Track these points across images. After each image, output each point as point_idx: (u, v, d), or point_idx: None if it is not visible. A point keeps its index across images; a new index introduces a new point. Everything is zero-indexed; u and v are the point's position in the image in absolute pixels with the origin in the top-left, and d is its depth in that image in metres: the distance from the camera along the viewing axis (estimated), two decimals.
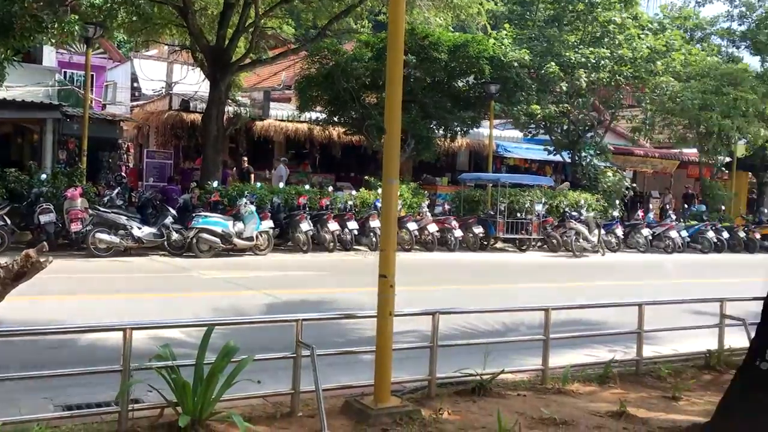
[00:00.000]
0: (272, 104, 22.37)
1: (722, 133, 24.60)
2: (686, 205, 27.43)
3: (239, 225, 14.82)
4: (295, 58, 21.92)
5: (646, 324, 6.71)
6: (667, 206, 26.41)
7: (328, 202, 17.17)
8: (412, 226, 17.55)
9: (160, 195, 16.44)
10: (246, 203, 15.20)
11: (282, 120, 22.10)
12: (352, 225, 16.71)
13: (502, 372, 5.88)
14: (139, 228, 14.00)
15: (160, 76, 25.53)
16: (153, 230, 14.15)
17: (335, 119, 20.29)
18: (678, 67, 23.77)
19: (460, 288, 12.45)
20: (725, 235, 22.52)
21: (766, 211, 26.85)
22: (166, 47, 24.55)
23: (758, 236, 23.21)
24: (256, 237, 15.05)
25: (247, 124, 21.44)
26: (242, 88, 23.91)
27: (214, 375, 4.63)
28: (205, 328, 5.02)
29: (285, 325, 5.65)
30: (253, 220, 14.97)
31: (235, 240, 14.67)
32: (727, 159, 27.35)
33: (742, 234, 23.04)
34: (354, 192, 18.95)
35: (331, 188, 18.74)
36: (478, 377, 5.74)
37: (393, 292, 5.03)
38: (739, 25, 29.84)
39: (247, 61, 19.11)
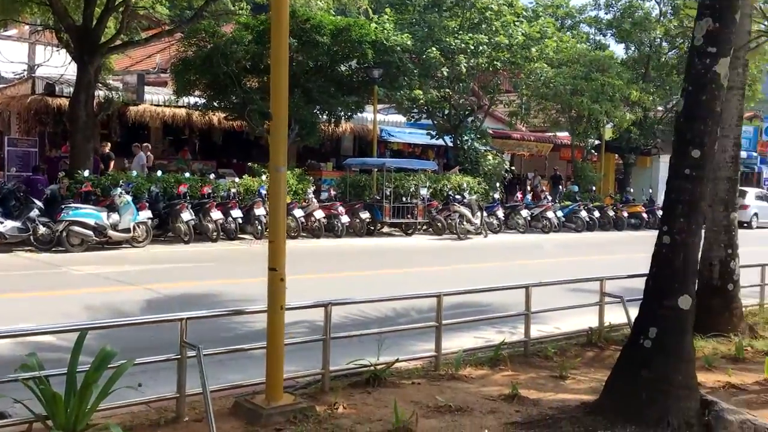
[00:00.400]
0: (147, 88, 21.25)
1: (592, 117, 25.86)
2: (559, 186, 28.69)
3: (114, 216, 13.99)
4: (170, 40, 20.91)
5: (532, 304, 6.86)
6: (537, 187, 27.51)
7: (209, 190, 16.55)
8: (299, 213, 17.27)
9: (24, 186, 15.19)
10: (121, 193, 14.37)
11: (158, 105, 21.06)
12: (236, 213, 16.21)
13: (397, 361, 5.82)
14: (1, 222, 12.91)
15: (21, 57, 23.68)
16: (17, 224, 13.09)
17: (215, 104, 19.59)
18: (551, 53, 24.71)
19: (351, 275, 12.35)
20: (596, 214, 23.74)
21: (632, 190, 28.60)
22: (27, 27, 22.73)
23: (626, 214, 24.67)
24: (133, 228, 14.26)
25: (120, 109, 20.26)
26: (113, 71, 22.55)
27: (89, 384, 4.25)
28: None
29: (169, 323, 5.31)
30: (129, 210, 14.18)
31: (110, 232, 13.85)
32: (597, 141, 28.83)
33: (611, 213, 24.39)
34: (237, 179, 18.41)
35: (212, 176, 18.09)
36: (372, 368, 5.65)
37: (284, 285, 4.82)
38: (606, 13, 31.45)
39: (118, 42, 18.02)
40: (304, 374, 5.61)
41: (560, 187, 28.46)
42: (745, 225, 26.27)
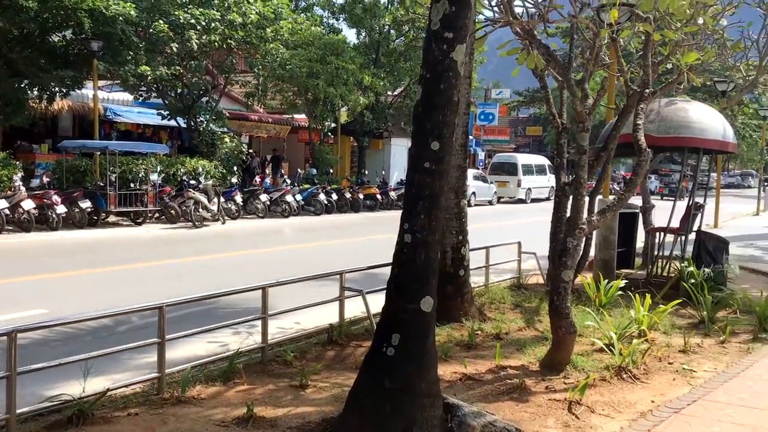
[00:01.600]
0: None
1: (327, 100, 26.09)
2: (280, 167, 28.33)
3: None
4: None
5: (271, 299, 6.30)
6: (255, 169, 27.00)
7: None
8: (2, 203, 14.89)
9: None
10: None
11: None
12: None
13: (107, 391, 4.88)
14: None
15: None
16: None
17: None
18: (286, 35, 24.32)
19: (64, 276, 10.78)
20: (334, 196, 24.04)
21: (366, 172, 29.55)
22: None
23: (361, 196, 25.34)
24: None
25: None
26: None
27: None
28: None
29: None
30: None
31: None
32: (333, 124, 29.24)
33: (348, 195, 24.86)
34: None
35: None
36: (76, 402, 4.65)
37: None
38: None
39: None
40: None
41: (281, 167, 28.10)
42: None
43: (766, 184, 37.55)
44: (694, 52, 7.27)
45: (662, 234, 10.62)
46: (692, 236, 10.49)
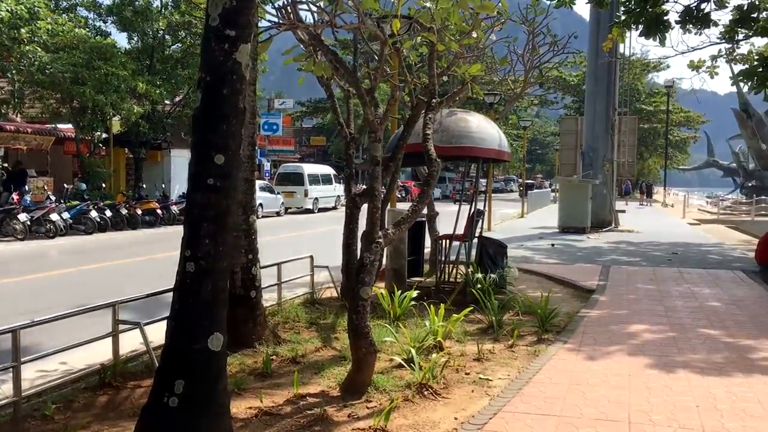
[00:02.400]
0: None
1: (97, 109, 24.02)
2: (26, 181, 24.97)
3: None
4: None
5: (32, 337, 5.30)
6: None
7: None
8: None
9: None
10: None
11: None
12: None
13: None
14: None
15: None
16: None
17: None
18: (45, 36, 21.99)
19: None
20: (108, 213, 22.13)
21: (145, 186, 27.66)
22: None
23: (140, 212, 23.59)
24: None
25: None
26: None
27: None
28: None
29: None
30: None
31: None
32: (104, 135, 27.00)
33: (124, 211, 23.02)
34: None
35: None
36: None
37: None
38: None
39: None
40: None
41: (28, 183, 24.54)
42: None
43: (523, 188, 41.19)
44: (477, 64, 7.42)
45: (448, 241, 10.88)
46: (474, 241, 10.87)
